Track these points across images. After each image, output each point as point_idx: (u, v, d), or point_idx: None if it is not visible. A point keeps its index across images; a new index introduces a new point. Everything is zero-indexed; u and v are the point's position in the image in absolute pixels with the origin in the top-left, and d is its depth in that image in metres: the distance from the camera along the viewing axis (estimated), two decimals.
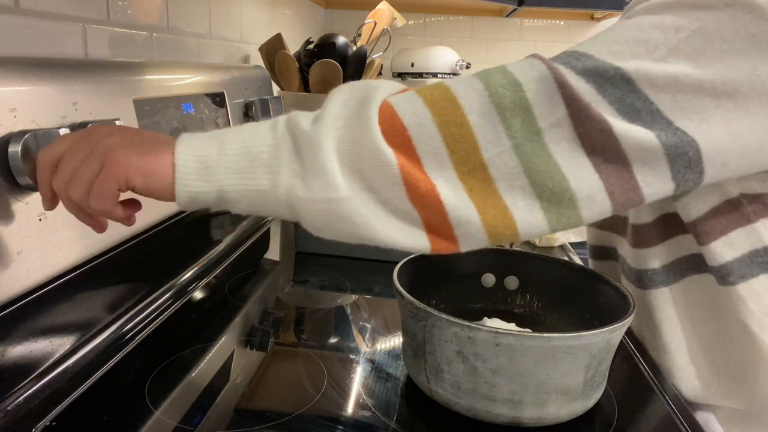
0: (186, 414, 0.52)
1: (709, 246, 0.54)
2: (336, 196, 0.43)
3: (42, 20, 0.65)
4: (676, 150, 0.43)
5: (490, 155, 0.43)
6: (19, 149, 0.48)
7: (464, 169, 0.44)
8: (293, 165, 0.44)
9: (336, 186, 0.43)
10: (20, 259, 0.51)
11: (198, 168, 0.44)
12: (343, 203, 0.43)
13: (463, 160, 0.44)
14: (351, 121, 0.44)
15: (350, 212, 0.44)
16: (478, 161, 0.43)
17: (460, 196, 0.44)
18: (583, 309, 0.63)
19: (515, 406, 0.50)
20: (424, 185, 0.43)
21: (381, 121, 0.44)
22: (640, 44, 0.44)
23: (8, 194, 0.50)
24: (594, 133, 0.43)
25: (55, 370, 0.55)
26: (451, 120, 0.43)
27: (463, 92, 0.44)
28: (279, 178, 0.44)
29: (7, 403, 0.49)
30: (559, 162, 0.43)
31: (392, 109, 0.44)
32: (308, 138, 0.44)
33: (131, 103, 0.67)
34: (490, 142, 0.43)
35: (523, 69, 0.44)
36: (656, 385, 0.60)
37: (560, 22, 2.05)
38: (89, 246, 0.60)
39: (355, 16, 2.02)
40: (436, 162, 0.44)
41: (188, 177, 0.44)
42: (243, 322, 0.71)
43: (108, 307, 0.65)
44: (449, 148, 0.44)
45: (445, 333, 0.50)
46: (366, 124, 0.43)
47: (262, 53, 1.28)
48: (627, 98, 0.43)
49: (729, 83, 0.43)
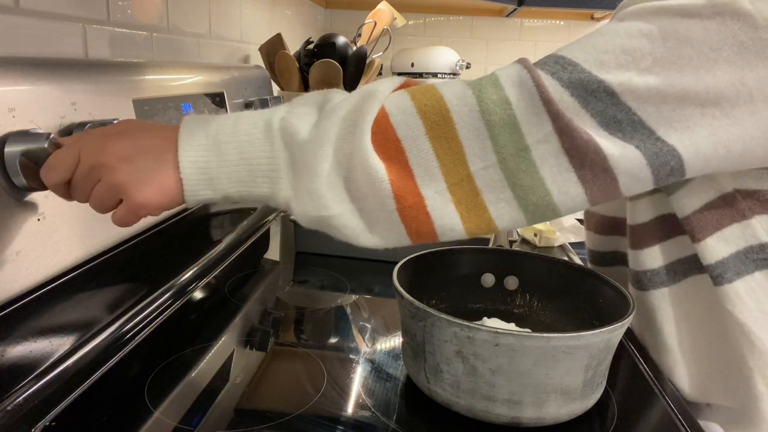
0: (186, 414, 0.52)
1: (703, 242, 0.54)
2: (327, 214, 0.46)
3: (42, 20, 0.65)
4: (658, 160, 0.44)
5: (476, 168, 0.45)
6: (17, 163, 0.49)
7: (453, 180, 0.46)
8: (291, 179, 0.47)
9: (327, 206, 0.46)
10: (19, 259, 0.51)
11: (202, 179, 0.47)
12: (333, 219, 0.47)
13: (451, 172, 0.46)
14: (347, 135, 0.46)
15: (339, 225, 0.47)
16: (466, 173, 0.45)
17: (446, 208, 0.46)
18: (583, 309, 0.63)
19: (515, 406, 0.50)
20: (413, 198, 0.46)
21: (375, 131, 0.46)
22: (626, 53, 0.44)
23: (7, 194, 0.50)
24: (581, 149, 0.44)
25: (55, 370, 0.55)
26: (442, 134, 0.45)
27: (456, 105, 0.45)
28: (278, 188, 0.47)
29: (7, 403, 0.49)
30: (545, 177, 0.45)
31: (387, 119, 0.46)
32: (304, 158, 0.46)
33: (131, 103, 0.67)
34: (477, 156, 0.45)
35: (512, 82, 0.45)
36: (656, 385, 0.60)
37: (560, 22, 2.05)
38: (89, 246, 0.60)
39: (355, 16, 2.02)
40: (428, 174, 0.46)
41: (195, 188, 0.47)
42: (243, 322, 0.71)
43: (108, 307, 0.65)
44: (440, 160, 0.45)
45: (444, 333, 0.50)
46: (360, 141, 0.45)
47: (262, 53, 1.28)
48: (609, 110, 0.44)
49: (714, 92, 0.44)
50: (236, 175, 0.47)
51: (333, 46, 1.30)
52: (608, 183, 0.45)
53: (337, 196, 0.46)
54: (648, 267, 0.61)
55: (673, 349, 0.61)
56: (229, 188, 0.47)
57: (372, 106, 0.46)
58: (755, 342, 0.54)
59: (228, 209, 0.99)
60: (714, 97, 0.44)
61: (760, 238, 0.53)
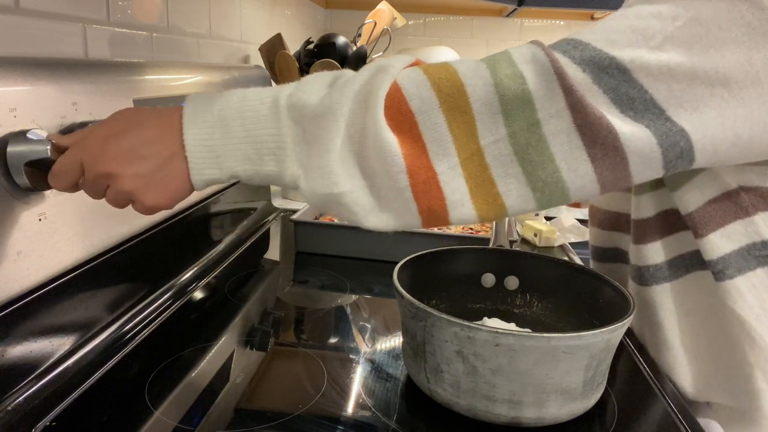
0: (186, 414, 0.52)
1: (706, 238, 0.54)
2: (337, 191, 0.45)
3: (42, 20, 0.65)
4: (668, 140, 0.44)
5: (486, 142, 0.45)
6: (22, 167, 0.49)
7: (465, 155, 0.45)
8: (299, 155, 0.46)
9: (337, 183, 0.45)
10: (20, 259, 0.51)
11: (208, 158, 0.47)
12: (343, 196, 0.45)
13: (464, 147, 0.45)
14: (359, 109, 0.45)
15: (349, 203, 0.46)
16: (476, 147, 0.45)
17: (457, 182, 0.45)
18: (583, 309, 0.63)
19: (515, 406, 0.50)
20: (425, 173, 0.45)
21: (388, 105, 0.45)
22: (636, 32, 0.44)
23: (8, 194, 0.50)
24: (593, 126, 0.43)
25: (55, 370, 0.55)
26: (456, 107, 0.44)
27: (470, 78, 0.45)
28: (285, 166, 0.46)
29: (7, 403, 0.49)
30: (555, 153, 0.44)
31: (401, 93, 0.45)
32: (315, 133, 0.45)
33: (131, 103, 0.67)
34: (488, 130, 0.44)
35: (525, 59, 0.45)
36: (656, 385, 0.60)
37: (560, 22, 2.05)
38: (89, 246, 0.60)
39: (355, 16, 2.02)
40: (441, 148, 0.45)
41: (201, 166, 0.47)
42: (243, 322, 0.71)
43: (108, 307, 0.65)
44: (453, 134, 0.45)
45: (444, 333, 0.50)
46: (373, 115, 0.44)
47: (262, 53, 1.28)
48: (622, 87, 0.44)
49: (723, 72, 0.44)
50: (243, 152, 0.46)
51: (333, 46, 1.30)
52: (618, 163, 0.44)
53: (349, 172, 0.45)
54: (650, 262, 0.61)
55: (674, 346, 0.61)
56: (236, 166, 0.47)
57: (384, 80, 0.46)
58: (756, 338, 0.54)
59: (228, 209, 0.99)
60: (723, 78, 0.44)
61: (763, 235, 0.53)
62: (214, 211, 0.93)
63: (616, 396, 0.58)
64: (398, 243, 0.94)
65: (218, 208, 0.94)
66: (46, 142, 0.49)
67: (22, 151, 0.49)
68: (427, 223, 0.47)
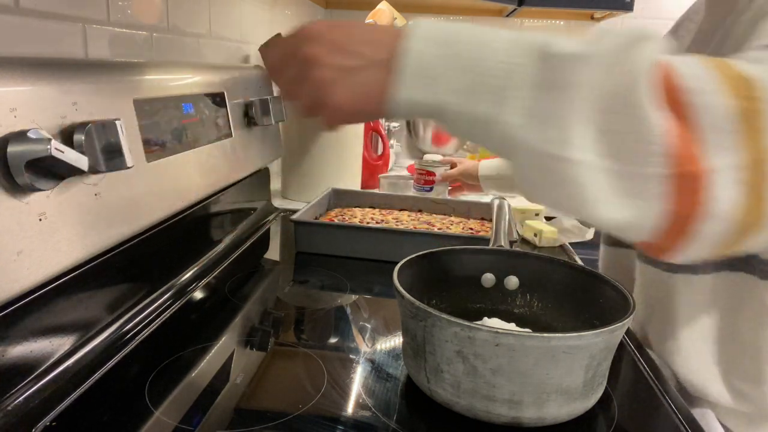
0: (186, 414, 0.52)
1: None
2: (567, 155, 0.36)
3: (42, 20, 0.65)
4: None
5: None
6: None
7: (749, 157, 0.36)
8: (525, 101, 0.38)
9: (571, 146, 0.36)
10: (20, 259, 0.51)
11: (421, 74, 0.40)
12: (573, 167, 0.37)
13: (749, 147, 0.36)
14: (616, 68, 0.37)
15: (578, 179, 0.37)
16: (760, 156, 0.37)
17: (729, 190, 0.36)
18: (583, 309, 0.63)
19: (515, 406, 0.50)
20: (694, 167, 0.36)
21: (656, 79, 0.37)
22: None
23: (9, 194, 0.50)
24: None
25: (55, 370, 0.55)
26: (743, 95, 0.37)
27: (756, 74, 0.38)
28: (504, 110, 0.38)
29: (7, 403, 0.49)
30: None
31: (671, 66, 0.37)
32: (565, 78, 0.37)
33: (131, 103, 0.67)
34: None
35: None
36: (656, 385, 0.60)
37: (560, 22, 2.05)
38: (89, 246, 0.60)
39: (355, 16, 2.02)
40: (721, 140, 0.36)
41: (409, 80, 0.41)
42: (243, 322, 0.71)
43: (108, 307, 0.65)
44: (740, 125, 0.36)
45: (445, 333, 0.50)
46: (634, 77, 0.36)
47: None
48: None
49: None
50: (462, 81, 0.39)
51: None
52: None
53: (588, 141, 0.37)
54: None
55: (681, 337, 0.60)
56: (446, 96, 0.39)
57: (652, 49, 0.37)
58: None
59: (228, 209, 0.99)
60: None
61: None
62: (214, 211, 0.93)
63: (616, 396, 0.58)
64: (398, 243, 0.94)
65: (218, 208, 0.94)
66: (47, 141, 0.49)
67: (23, 151, 0.49)
68: (663, 231, 0.38)
